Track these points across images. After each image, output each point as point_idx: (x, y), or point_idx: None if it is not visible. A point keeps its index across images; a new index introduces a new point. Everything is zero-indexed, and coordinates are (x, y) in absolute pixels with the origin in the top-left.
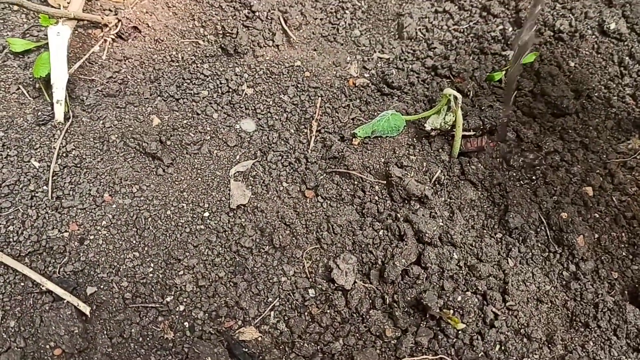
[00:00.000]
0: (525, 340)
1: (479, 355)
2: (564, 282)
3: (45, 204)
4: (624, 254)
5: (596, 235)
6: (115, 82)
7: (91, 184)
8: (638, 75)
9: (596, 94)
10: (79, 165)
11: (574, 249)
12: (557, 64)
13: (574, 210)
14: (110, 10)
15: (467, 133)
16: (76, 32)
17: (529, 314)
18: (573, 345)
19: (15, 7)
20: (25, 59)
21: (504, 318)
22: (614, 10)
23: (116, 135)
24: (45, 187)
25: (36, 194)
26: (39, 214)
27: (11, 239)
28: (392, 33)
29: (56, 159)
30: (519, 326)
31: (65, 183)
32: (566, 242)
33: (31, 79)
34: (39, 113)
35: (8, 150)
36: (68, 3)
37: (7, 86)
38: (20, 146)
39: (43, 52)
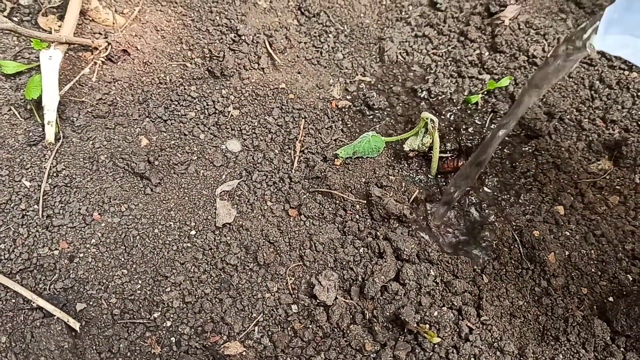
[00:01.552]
0: (498, 353)
1: None
2: (536, 298)
3: (36, 223)
4: (593, 270)
5: (567, 253)
6: (105, 103)
7: (81, 203)
8: (608, 98)
9: (568, 117)
10: (69, 185)
11: (546, 266)
12: None
13: (546, 228)
14: (100, 33)
15: (443, 154)
16: (67, 54)
17: (502, 328)
18: (544, 358)
19: (7, 31)
20: (17, 80)
21: (478, 332)
22: None
23: (105, 156)
24: (36, 206)
25: (27, 213)
26: (30, 232)
27: (2, 257)
28: (374, 56)
29: (47, 179)
30: (493, 340)
31: (55, 202)
32: (538, 259)
33: (22, 100)
34: (30, 134)
35: (0, 170)
36: (59, 27)
37: None
38: (12, 166)
39: (35, 75)
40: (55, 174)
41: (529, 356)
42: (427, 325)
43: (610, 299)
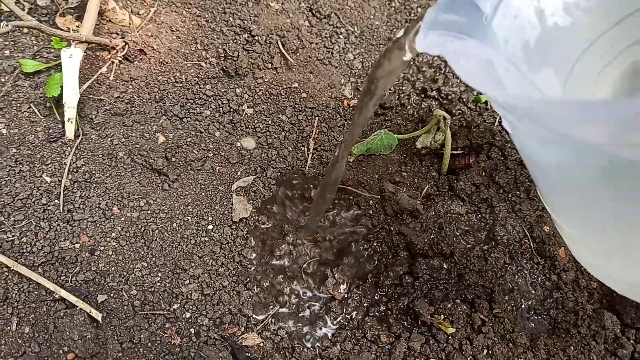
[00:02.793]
0: (510, 345)
1: (468, 359)
2: (547, 292)
3: (57, 217)
4: None
5: None
6: (123, 101)
7: (100, 198)
8: None
9: None
10: (88, 180)
11: (556, 260)
12: None
13: None
14: (117, 33)
15: (455, 152)
16: (85, 54)
17: (514, 321)
18: (555, 349)
19: (25, 30)
20: (36, 79)
21: (490, 324)
22: None
23: (124, 152)
24: (56, 201)
25: (48, 207)
26: (51, 226)
27: (25, 250)
28: None
29: (67, 174)
30: (505, 332)
31: (75, 197)
32: (548, 254)
33: (42, 98)
34: (50, 131)
35: (21, 166)
36: (77, 27)
37: (18, 105)
38: (33, 162)
39: (54, 73)
40: (75, 170)
41: (541, 348)
42: (442, 316)
43: None
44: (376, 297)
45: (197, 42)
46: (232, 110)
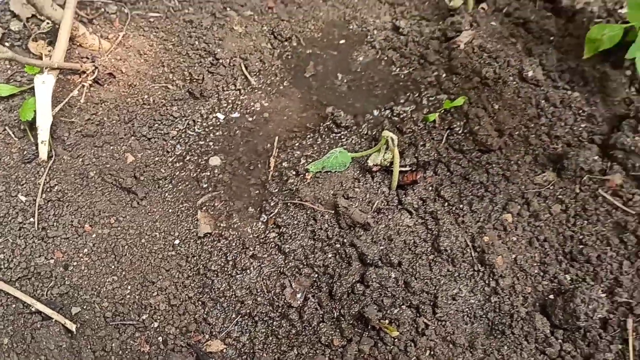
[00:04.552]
0: (451, 346)
1: (412, 359)
2: (486, 296)
3: (32, 234)
4: (536, 271)
5: (513, 256)
6: (93, 123)
7: (73, 216)
8: (552, 116)
9: (517, 133)
10: (61, 199)
11: (494, 268)
12: (483, 107)
13: (495, 234)
14: (87, 57)
15: (403, 168)
16: (57, 77)
17: (455, 324)
18: (491, 349)
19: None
20: (10, 102)
21: (433, 327)
22: (532, 59)
23: (95, 172)
24: (31, 219)
25: (24, 225)
26: (27, 243)
27: (2, 266)
28: (342, 77)
29: (41, 194)
30: (446, 334)
31: (49, 215)
32: (488, 262)
33: (16, 121)
34: (25, 152)
35: None
36: (49, 51)
37: None
38: (8, 182)
39: (28, 97)
40: (48, 189)
41: (478, 348)
42: (387, 321)
43: (551, 296)
44: (330, 305)
45: (164, 65)
46: (197, 130)
